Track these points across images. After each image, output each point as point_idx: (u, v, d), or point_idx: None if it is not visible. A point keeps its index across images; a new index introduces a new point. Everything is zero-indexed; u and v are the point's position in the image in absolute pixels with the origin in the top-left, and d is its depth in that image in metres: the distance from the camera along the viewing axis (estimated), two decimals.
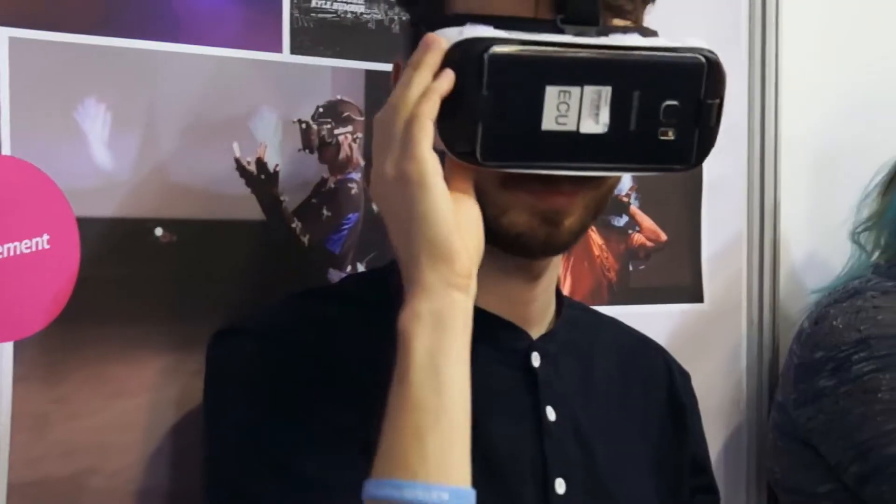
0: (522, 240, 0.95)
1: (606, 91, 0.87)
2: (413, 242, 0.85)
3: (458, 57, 0.86)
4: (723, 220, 1.56)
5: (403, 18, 1.18)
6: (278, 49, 1.17)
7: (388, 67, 1.02)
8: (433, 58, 0.87)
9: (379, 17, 1.23)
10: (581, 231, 0.97)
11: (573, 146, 0.88)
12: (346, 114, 1.21)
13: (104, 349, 1.07)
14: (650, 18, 0.98)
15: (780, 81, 1.60)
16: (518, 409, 1.01)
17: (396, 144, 0.86)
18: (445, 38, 0.88)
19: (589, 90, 0.87)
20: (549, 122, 0.87)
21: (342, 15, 1.21)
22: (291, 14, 1.17)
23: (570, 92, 0.86)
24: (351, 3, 1.21)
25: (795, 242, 1.64)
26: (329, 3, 1.20)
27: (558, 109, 0.87)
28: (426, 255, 0.84)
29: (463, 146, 0.87)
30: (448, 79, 0.86)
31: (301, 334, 0.97)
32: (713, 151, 1.52)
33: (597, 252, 1.44)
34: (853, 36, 1.70)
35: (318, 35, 1.19)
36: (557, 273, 1.07)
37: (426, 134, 0.85)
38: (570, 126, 0.87)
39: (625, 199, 1.47)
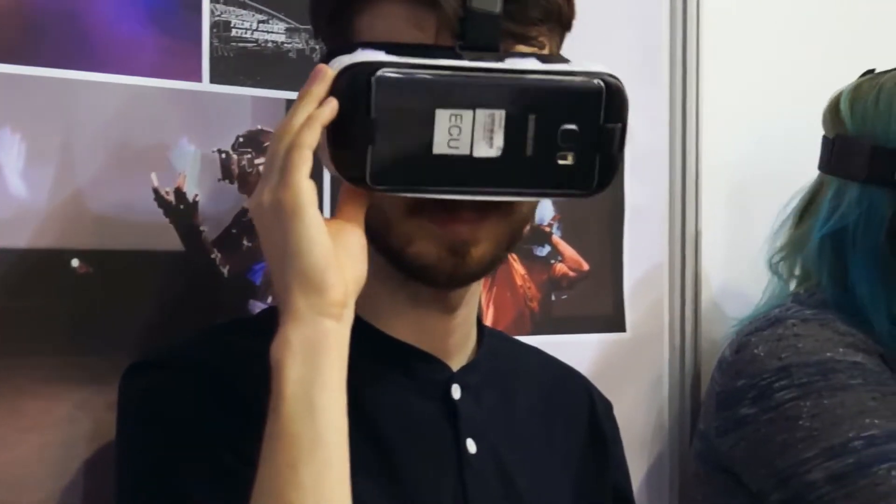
0: (429, 271, 0.95)
1: (500, 114, 0.87)
2: (286, 271, 0.85)
3: (346, 82, 0.86)
4: (644, 250, 1.58)
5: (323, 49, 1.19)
6: (198, 78, 1.17)
7: None
8: (319, 87, 0.87)
9: (300, 46, 1.23)
10: (492, 262, 0.97)
11: (467, 170, 0.87)
12: (266, 143, 1.21)
13: (19, 382, 1.06)
14: (569, 50, 0.98)
15: (701, 111, 1.62)
16: (438, 441, 1.01)
17: (274, 173, 0.86)
18: (338, 65, 0.88)
19: (481, 113, 0.87)
20: (440, 146, 0.87)
21: (263, 44, 1.21)
22: (211, 43, 1.17)
23: (461, 115, 0.86)
24: (272, 32, 1.21)
25: (716, 271, 1.66)
26: (249, 32, 1.20)
27: (450, 133, 0.87)
28: (298, 284, 0.84)
29: (354, 171, 0.87)
30: (331, 107, 0.86)
31: (220, 367, 0.97)
32: (635, 180, 1.55)
33: (519, 282, 1.45)
34: (773, 66, 1.73)
35: (238, 64, 1.19)
36: (477, 303, 1.07)
37: (304, 162, 0.85)
38: (463, 150, 0.87)
39: (547, 229, 1.48)
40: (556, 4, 0.95)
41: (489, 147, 0.87)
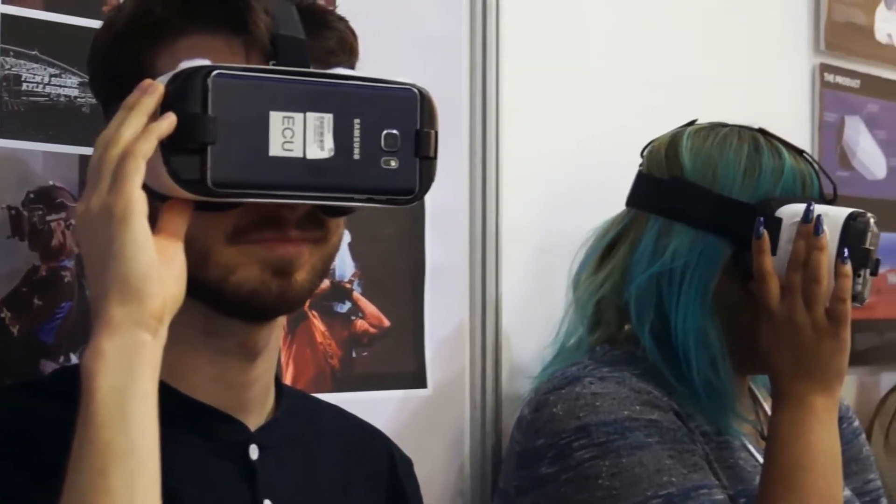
0: (256, 297, 0.96)
1: (328, 118, 0.91)
2: (106, 277, 0.85)
3: (181, 85, 0.89)
4: (446, 307, 1.60)
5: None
6: None
7: None
8: (149, 99, 0.89)
9: (93, 101, 1.22)
10: (310, 291, 0.99)
11: (304, 174, 0.91)
12: (59, 200, 1.19)
13: None
14: None
15: (501, 169, 1.66)
16: (235, 503, 1.02)
17: (105, 181, 0.87)
18: (164, 78, 0.90)
19: (311, 116, 0.91)
20: (276, 148, 0.90)
21: (55, 98, 1.20)
22: (1, 97, 1.16)
23: (293, 118, 0.90)
24: (64, 86, 1.20)
25: (517, 329, 1.69)
26: (41, 86, 1.19)
27: (284, 135, 0.90)
28: (117, 291, 0.85)
29: (193, 175, 0.89)
30: (169, 121, 0.88)
31: (8, 431, 0.95)
32: (435, 239, 1.58)
33: (319, 339, 1.46)
34: (573, 125, 1.78)
35: (29, 119, 1.18)
36: (277, 355, 1.08)
37: (137, 171, 0.86)
38: (297, 152, 0.90)
39: (347, 286, 1.49)
40: (348, 36, 1.02)
41: (321, 150, 0.91)
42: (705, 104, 1.70)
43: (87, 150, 1.18)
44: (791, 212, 1.44)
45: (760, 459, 1.47)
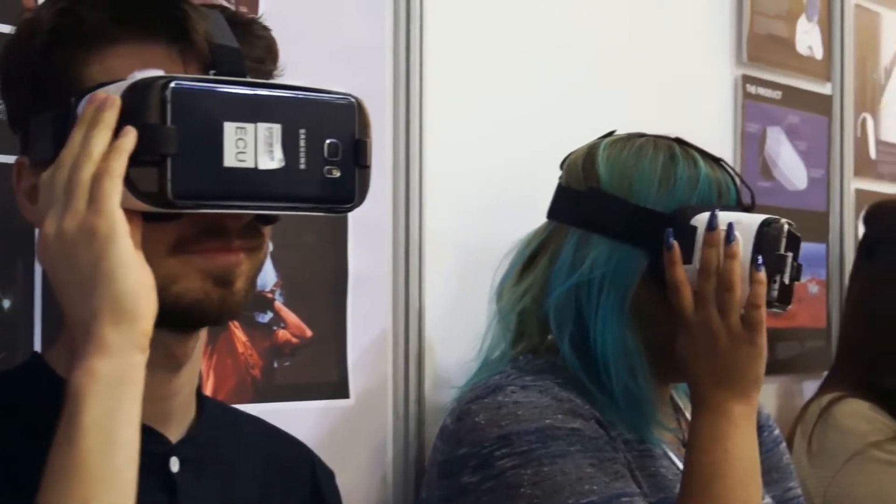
0: (197, 307, 0.96)
1: (277, 128, 0.93)
2: (94, 298, 0.85)
3: (138, 96, 0.89)
4: (369, 317, 1.61)
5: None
6: None
7: None
8: (111, 114, 0.89)
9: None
10: (246, 300, 1.00)
11: (255, 185, 0.92)
12: None
13: None
14: None
15: (425, 179, 1.66)
16: None
17: (80, 200, 0.87)
18: (117, 90, 0.91)
19: (262, 127, 0.92)
20: (230, 159, 0.91)
21: None
22: None
23: (245, 128, 0.91)
24: None
25: (440, 338, 1.70)
26: None
27: (237, 146, 0.91)
28: (109, 312, 0.85)
29: (152, 187, 0.89)
30: (132, 136, 0.88)
31: None
32: (358, 247, 1.59)
33: (241, 349, 1.46)
34: (497, 133, 1.79)
35: None
36: (199, 367, 1.08)
37: (116, 190, 0.87)
38: (250, 163, 0.92)
39: (269, 295, 1.49)
40: (273, 44, 1.04)
41: (271, 160, 0.93)
42: (629, 115, 1.72)
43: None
44: (706, 219, 1.46)
45: (682, 467, 1.49)
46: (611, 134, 1.58)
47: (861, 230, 2.56)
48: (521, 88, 1.84)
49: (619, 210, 1.50)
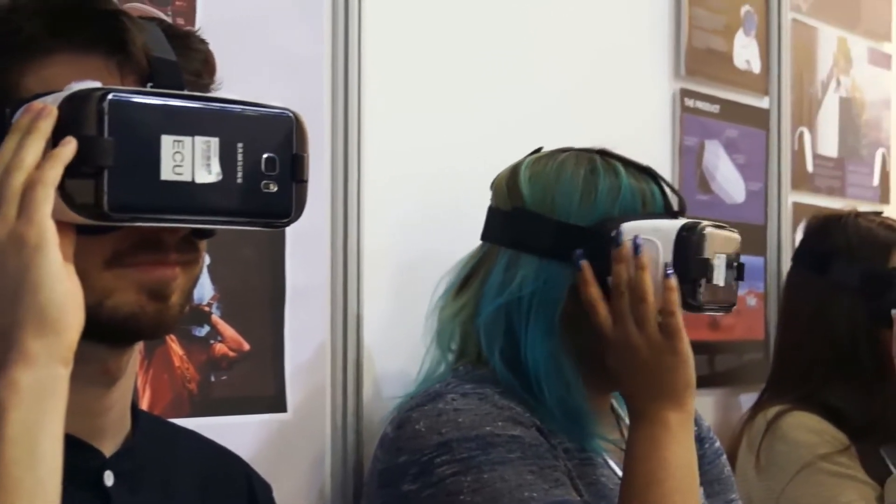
0: (132, 321, 0.96)
1: (215, 142, 0.93)
2: (18, 308, 0.85)
3: (75, 107, 0.89)
4: (307, 329, 1.61)
5: None
6: None
7: None
8: (46, 124, 0.89)
9: None
10: (182, 313, 1.00)
11: (192, 199, 0.92)
12: None
13: None
14: None
15: (363, 191, 1.67)
16: None
17: (10, 208, 0.86)
18: (54, 99, 0.90)
19: (199, 140, 0.92)
20: (167, 172, 0.91)
21: None
22: None
23: (183, 142, 0.91)
24: None
25: (379, 351, 1.70)
26: None
27: (174, 159, 0.91)
28: (33, 323, 0.84)
29: (88, 199, 0.89)
30: (71, 147, 0.88)
31: None
32: (296, 260, 1.59)
33: (177, 363, 1.46)
34: (435, 145, 1.80)
35: None
36: (133, 381, 1.08)
37: (47, 200, 0.86)
38: (187, 176, 0.91)
39: (206, 309, 1.49)
40: (211, 58, 1.04)
41: (208, 174, 0.92)
42: (567, 129, 1.74)
43: None
44: (630, 228, 1.47)
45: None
46: (538, 151, 1.60)
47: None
48: (460, 102, 1.85)
49: (544, 228, 1.51)
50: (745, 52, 2.53)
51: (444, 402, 1.45)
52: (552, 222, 1.51)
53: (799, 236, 2.63)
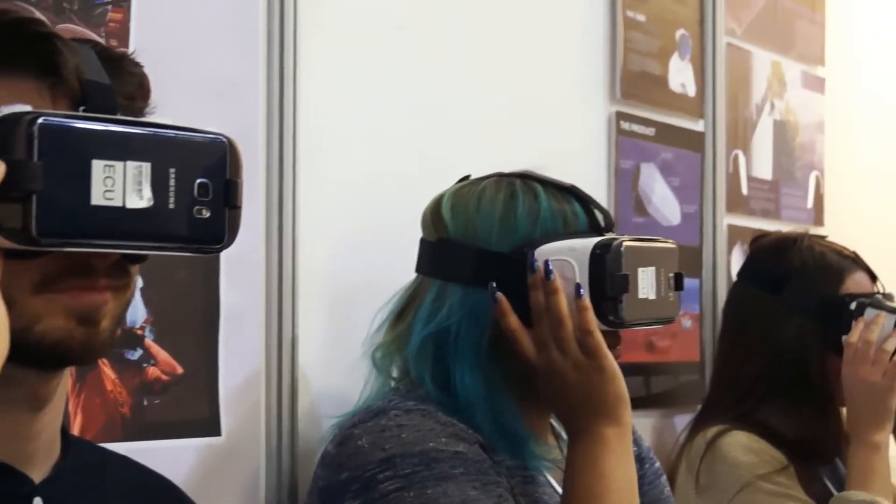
0: (61, 346, 0.96)
1: (147, 167, 0.93)
2: None
3: (5, 131, 0.88)
4: (241, 352, 1.61)
5: None
6: None
7: None
8: None
9: None
10: (113, 338, 1.00)
11: (122, 224, 0.92)
12: None
13: None
14: None
15: (298, 214, 1.68)
16: None
17: None
18: None
19: (131, 165, 0.92)
20: (98, 197, 0.91)
21: None
22: None
23: (114, 166, 0.91)
24: None
25: (314, 374, 1.70)
26: None
27: (105, 184, 0.91)
28: None
29: (15, 224, 0.88)
30: (3, 170, 0.87)
31: None
32: (230, 283, 1.59)
33: (109, 387, 1.45)
34: (370, 169, 1.81)
35: None
36: (63, 406, 1.08)
37: None
38: (118, 202, 0.91)
39: (139, 332, 1.49)
40: (145, 81, 1.04)
41: (140, 199, 0.92)
42: (503, 153, 1.75)
43: None
44: (546, 251, 1.48)
45: None
46: (465, 179, 1.61)
47: (734, 265, 2.64)
48: (395, 126, 1.86)
49: (467, 256, 1.53)
50: (681, 76, 2.55)
51: (387, 418, 1.46)
52: (474, 250, 1.52)
53: (735, 258, 2.68)
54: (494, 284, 1.49)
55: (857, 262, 2.24)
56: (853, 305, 2.14)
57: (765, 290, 2.25)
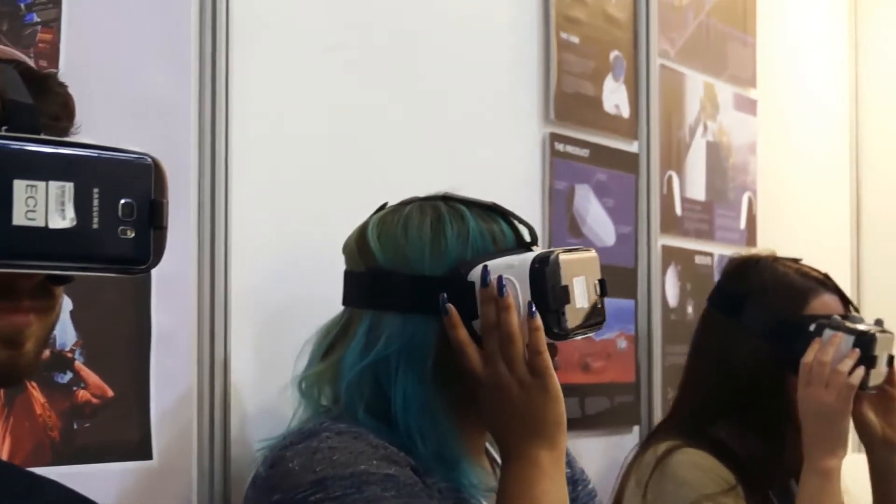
0: None
1: (69, 187, 0.93)
2: None
3: None
4: (173, 374, 1.60)
5: None
6: None
7: None
8: None
9: None
10: (38, 361, 1.00)
11: (45, 244, 0.92)
12: None
13: None
14: None
15: (231, 235, 1.68)
16: None
17: None
18: None
19: (53, 185, 0.92)
20: (19, 217, 0.91)
21: None
22: None
23: (36, 186, 0.91)
24: None
25: (246, 395, 1.70)
26: None
27: (27, 204, 0.91)
28: None
29: None
30: None
31: None
32: (161, 304, 1.59)
33: (38, 410, 1.44)
34: (302, 191, 1.81)
35: None
36: None
37: None
38: (40, 222, 0.91)
39: (69, 355, 1.48)
40: (70, 101, 1.04)
41: (62, 219, 0.92)
42: (435, 174, 1.77)
43: None
44: (493, 268, 1.49)
45: None
46: (383, 207, 1.62)
47: (670, 286, 2.66)
48: (329, 148, 1.87)
49: (400, 284, 1.53)
50: (615, 97, 2.58)
51: (319, 441, 1.46)
52: (408, 277, 1.53)
53: (669, 278, 2.70)
54: (445, 296, 1.49)
55: (825, 284, 2.23)
56: (812, 326, 2.14)
57: (723, 310, 2.26)
